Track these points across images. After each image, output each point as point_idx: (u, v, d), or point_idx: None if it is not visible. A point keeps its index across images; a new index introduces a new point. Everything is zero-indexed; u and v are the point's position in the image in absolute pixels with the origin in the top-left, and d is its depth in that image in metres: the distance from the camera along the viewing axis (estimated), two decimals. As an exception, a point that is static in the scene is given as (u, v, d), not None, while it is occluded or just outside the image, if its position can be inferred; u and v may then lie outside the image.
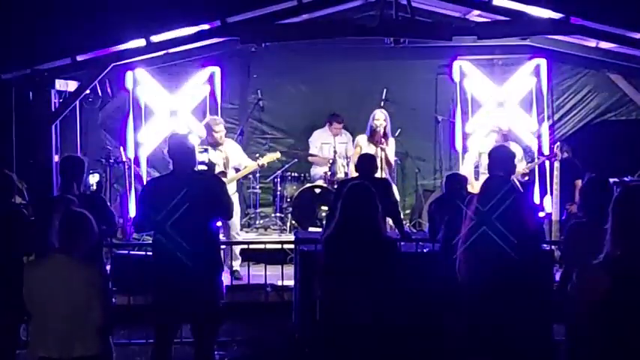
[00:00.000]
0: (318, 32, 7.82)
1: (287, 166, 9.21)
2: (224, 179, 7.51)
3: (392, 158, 7.93)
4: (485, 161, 7.49)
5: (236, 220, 7.88)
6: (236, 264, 7.70)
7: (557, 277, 5.15)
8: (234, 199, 7.97)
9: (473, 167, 8.19)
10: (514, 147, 7.16)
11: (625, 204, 3.02)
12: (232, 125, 9.33)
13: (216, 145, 7.70)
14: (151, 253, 5.21)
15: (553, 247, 6.63)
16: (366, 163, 6.49)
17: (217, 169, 7.56)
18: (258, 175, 9.04)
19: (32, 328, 4.00)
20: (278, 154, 8.28)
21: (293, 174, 9.22)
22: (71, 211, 4.15)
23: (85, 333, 3.86)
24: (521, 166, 8.17)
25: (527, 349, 4.32)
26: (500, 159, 4.88)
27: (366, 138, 7.87)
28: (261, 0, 7.45)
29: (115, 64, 7.60)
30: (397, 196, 8.17)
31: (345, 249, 4.42)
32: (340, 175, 8.61)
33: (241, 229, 9.03)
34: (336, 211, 4.56)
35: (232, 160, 7.77)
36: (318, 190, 8.62)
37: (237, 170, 7.86)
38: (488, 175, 5.10)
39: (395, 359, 4.68)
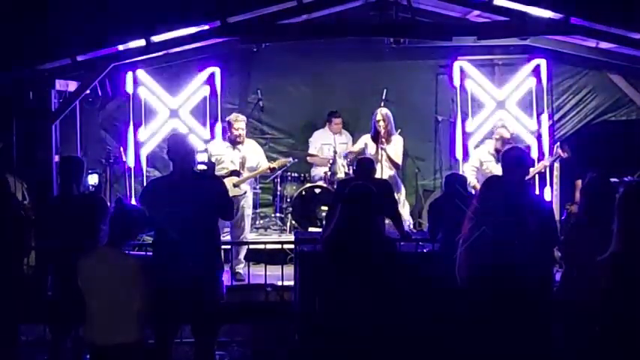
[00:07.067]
0: (318, 32, 7.83)
1: (287, 166, 9.20)
2: (237, 178, 7.53)
3: (397, 157, 7.91)
4: (489, 169, 7.49)
5: (247, 221, 7.85)
6: (239, 267, 7.68)
7: (557, 277, 5.15)
8: (248, 199, 7.92)
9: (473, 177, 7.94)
10: None
11: (630, 203, 3.02)
12: (232, 125, 9.33)
13: (234, 142, 7.70)
14: (151, 253, 5.21)
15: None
16: (363, 166, 6.50)
17: (232, 168, 7.56)
18: (258, 175, 9.02)
19: (87, 316, 4.24)
20: (290, 159, 8.30)
21: (293, 174, 9.21)
22: (125, 207, 4.37)
23: (125, 321, 4.10)
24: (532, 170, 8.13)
25: (527, 350, 4.32)
26: (513, 161, 4.87)
27: (371, 137, 7.92)
28: (261, 0, 7.45)
29: (115, 64, 7.60)
30: (403, 196, 8.19)
31: (345, 250, 4.41)
32: (340, 175, 8.60)
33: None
34: (336, 212, 4.56)
35: (250, 160, 7.76)
36: (318, 190, 8.61)
37: (251, 171, 7.83)
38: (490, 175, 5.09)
39: None
